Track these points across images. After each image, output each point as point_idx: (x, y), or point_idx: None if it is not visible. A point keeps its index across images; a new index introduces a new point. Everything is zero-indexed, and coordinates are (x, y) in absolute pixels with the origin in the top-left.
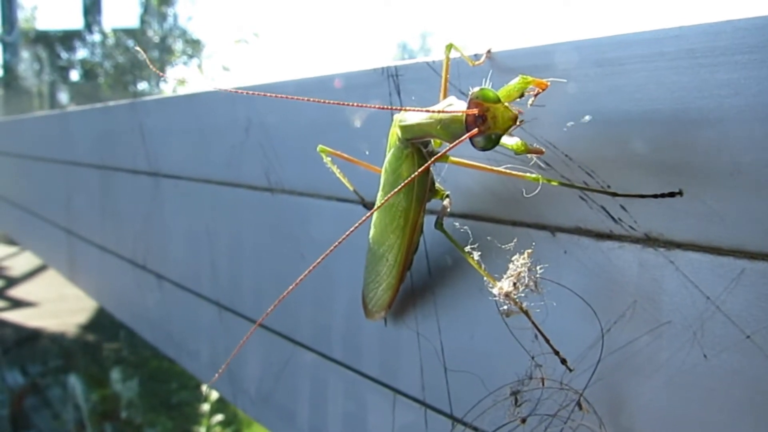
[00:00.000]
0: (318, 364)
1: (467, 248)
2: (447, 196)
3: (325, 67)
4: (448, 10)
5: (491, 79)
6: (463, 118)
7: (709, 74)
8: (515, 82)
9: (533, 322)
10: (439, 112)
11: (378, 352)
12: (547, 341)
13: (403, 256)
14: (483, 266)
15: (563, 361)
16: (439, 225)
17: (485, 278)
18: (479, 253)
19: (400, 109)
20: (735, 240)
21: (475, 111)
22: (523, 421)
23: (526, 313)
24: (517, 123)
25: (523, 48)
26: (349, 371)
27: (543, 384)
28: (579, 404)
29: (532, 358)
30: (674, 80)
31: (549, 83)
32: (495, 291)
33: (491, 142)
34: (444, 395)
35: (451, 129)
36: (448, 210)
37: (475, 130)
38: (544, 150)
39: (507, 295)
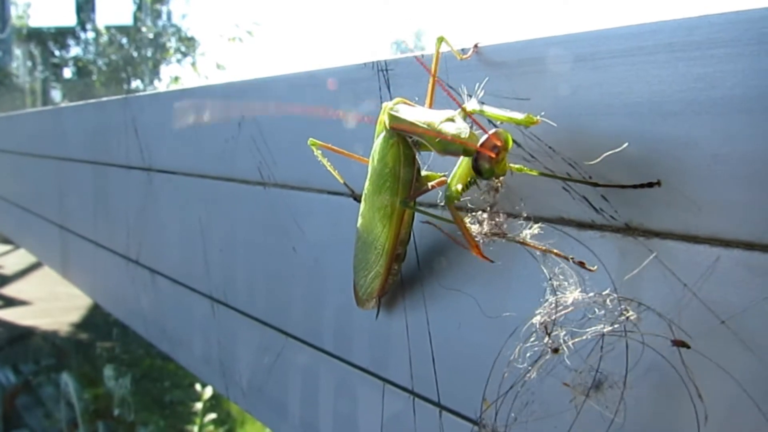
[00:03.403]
0: (309, 355)
1: (439, 213)
2: (443, 176)
3: (319, 64)
4: (444, 9)
5: (477, 75)
6: (468, 139)
7: (687, 68)
8: (522, 117)
9: (533, 245)
10: (445, 120)
11: (368, 343)
12: (557, 254)
13: (391, 245)
14: (460, 219)
15: (581, 264)
16: (405, 202)
17: (463, 234)
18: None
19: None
20: (711, 228)
21: (497, 142)
22: (556, 351)
23: (508, 238)
24: (500, 180)
25: (509, 42)
26: (340, 362)
27: (572, 300)
28: (626, 312)
29: (550, 278)
30: (653, 74)
31: (540, 121)
32: (474, 230)
33: (488, 173)
34: (432, 384)
35: (447, 145)
36: (423, 192)
37: (492, 154)
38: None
39: (490, 233)
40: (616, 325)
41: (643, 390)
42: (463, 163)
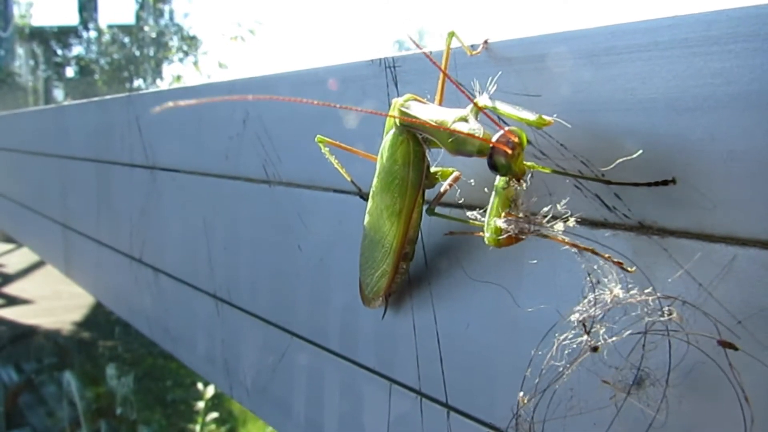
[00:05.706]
0: (315, 355)
1: (468, 213)
2: (453, 173)
3: (321, 64)
4: (446, 9)
5: (487, 72)
6: (480, 139)
7: (703, 63)
8: (534, 118)
9: (570, 243)
10: (458, 120)
11: (374, 342)
12: (593, 252)
13: (399, 244)
14: (487, 223)
15: (619, 264)
16: (430, 210)
17: (484, 229)
18: (480, 209)
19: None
20: (727, 227)
21: (512, 138)
22: (595, 349)
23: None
24: (521, 181)
25: (519, 38)
26: (345, 362)
27: (612, 297)
28: (669, 312)
29: (588, 274)
30: (669, 69)
31: (553, 122)
32: (500, 223)
33: (504, 169)
34: (440, 384)
35: (460, 144)
36: (443, 195)
37: (508, 149)
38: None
39: (517, 224)
40: (658, 324)
41: (686, 389)
42: (496, 193)
